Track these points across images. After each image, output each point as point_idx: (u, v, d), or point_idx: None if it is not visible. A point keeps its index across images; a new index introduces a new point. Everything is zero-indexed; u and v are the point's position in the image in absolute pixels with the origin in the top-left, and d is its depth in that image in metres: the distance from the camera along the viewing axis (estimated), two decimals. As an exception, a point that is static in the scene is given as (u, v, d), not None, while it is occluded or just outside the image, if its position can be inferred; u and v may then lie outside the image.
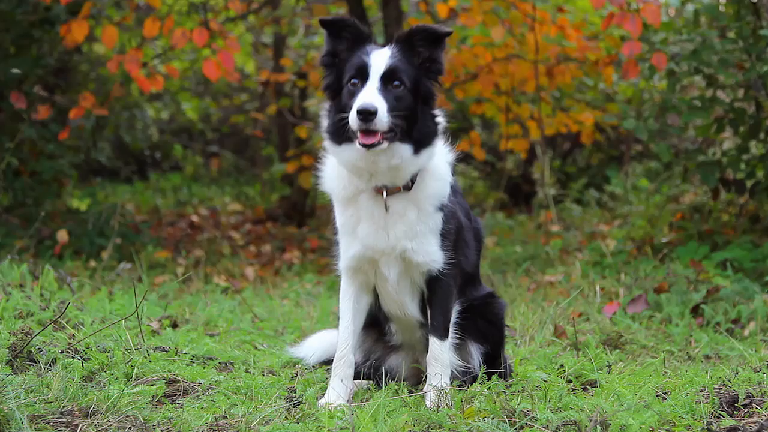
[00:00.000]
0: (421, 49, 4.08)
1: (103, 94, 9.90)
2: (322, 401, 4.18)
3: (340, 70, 4.11)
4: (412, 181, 4.15)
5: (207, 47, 8.40)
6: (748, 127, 7.88)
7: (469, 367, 4.52)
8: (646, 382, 4.39)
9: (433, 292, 4.26)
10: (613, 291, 6.94)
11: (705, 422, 3.80)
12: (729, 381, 4.32)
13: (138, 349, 4.81)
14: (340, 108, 4.04)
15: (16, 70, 8.95)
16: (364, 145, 3.90)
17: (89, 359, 4.48)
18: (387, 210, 4.12)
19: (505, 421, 3.78)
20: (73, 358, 4.51)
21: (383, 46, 4.13)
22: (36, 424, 3.68)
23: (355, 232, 4.21)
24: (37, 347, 4.58)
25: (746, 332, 5.96)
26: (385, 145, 3.94)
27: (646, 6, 7.46)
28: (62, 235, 8.70)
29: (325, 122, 4.19)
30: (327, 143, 4.15)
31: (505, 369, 4.61)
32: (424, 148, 4.10)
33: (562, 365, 4.69)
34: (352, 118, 3.88)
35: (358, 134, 3.91)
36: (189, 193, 13.75)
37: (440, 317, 4.23)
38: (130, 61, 8.05)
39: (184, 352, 4.94)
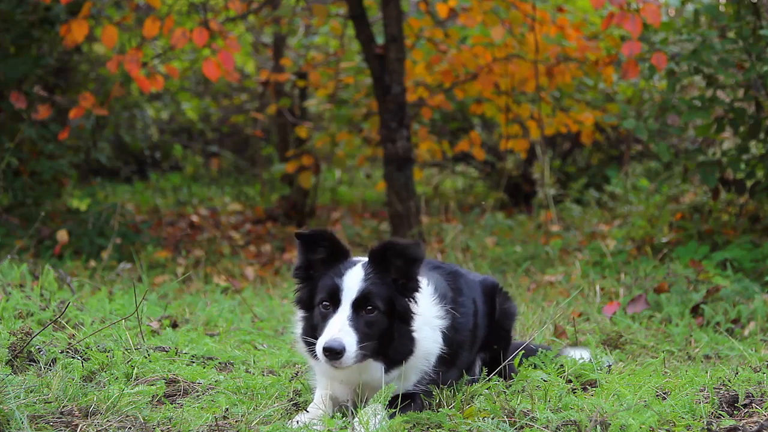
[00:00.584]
0: (397, 263, 3.93)
1: (103, 94, 9.90)
2: (309, 408, 4.07)
3: (313, 285, 3.98)
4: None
5: (207, 47, 8.40)
6: (748, 127, 7.88)
7: (473, 375, 4.52)
8: (646, 382, 4.39)
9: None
10: (613, 291, 6.94)
11: (705, 422, 3.80)
12: (729, 381, 4.32)
13: (138, 349, 4.81)
14: (312, 326, 3.93)
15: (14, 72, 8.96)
16: (331, 366, 3.79)
17: (89, 359, 4.48)
18: (359, 398, 3.99)
19: (505, 421, 3.78)
20: (73, 358, 4.51)
21: (357, 264, 3.95)
22: (36, 424, 3.68)
23: (328, 386, 4.10)
24: (37, 347, 4.59)
25: (746, 332, 5.96)
26: (354, 364, 3.80)
27: (646, 6, 7.46)
28: (62, 235, 8.70)
29: (298, 328, 4.07)
30: (300, 347, 4.07)
31: (506, 369, 4.62)
32: (397, 366, 3.95)
33: (562, 365, 4.69)
34: (319, 353, 3.77)
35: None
36: (189, 193, 13.75)
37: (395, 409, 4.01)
38: (130, 61, 8.05)
39: (184, 352, 4.94)
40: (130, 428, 3.73)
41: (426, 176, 13.96)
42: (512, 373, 4.60)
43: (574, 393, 4.34)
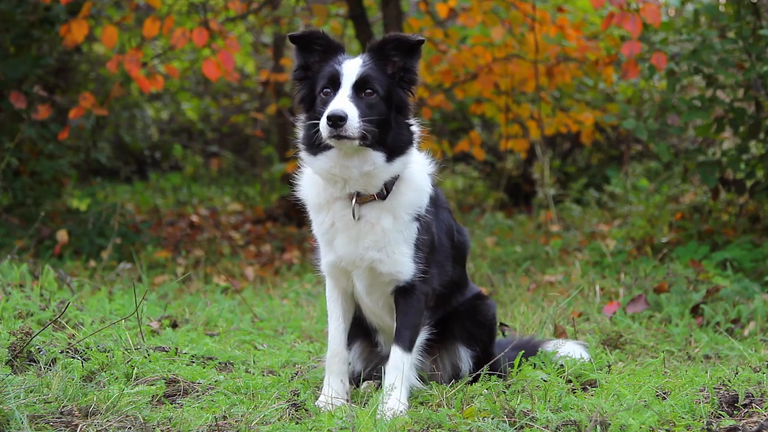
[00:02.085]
0: (395, 59, 4.08)
1: (103, 94, 9.90)
2: (320, 400, 4.18)
3: (312, 81, 4.12)
4: (388, 189, 4.12)
5: (207, 47, 8.40)
6: (748, 127, 7.88)
7: (459, 370, 4.52)
8: (646, 382, 4.39)
9: (401, 303, 4.20)
10: (613, 291, 6.93)
11: (705, 422, 3.80)
12: (729, 381, 4.32)
13: (138, 349, 4.81)
14: (314, 118, 4.03)
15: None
16: (335, 137, 3.87)
17: (89, 359, 4.48)
18: (356, 218, 4.09)
19: (505, 421, 3.78)
20: (73, 358, 4.51)
21: (356, 56, 4.12)
22: (36, 424, 3.68)
23: (328, 240, 4.21)
24: (37, 347, 4.59)
25: (746, 332, 5.96)
26: (357, 142, 3.92)
27: (646, 6, 7.46)
28: (62, 235, 8.70)
29: (300, 134, 4.17)
30: (302, 153, 4.15)
31: (498, 367, 4.62)
32: (398, 156, 4.07)
33: (562, 365, 4.69)
34: (323, 125, 3.88)
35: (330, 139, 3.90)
36: (189, 193, 13.75)
37: (406, 331, 4.16)
38: (130, 61, 8.05)
39: (184, 352, 4.94)
40: (130, 428, 3.73)
41: (426, 176, 13.93)
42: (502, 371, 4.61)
43: (574, 393, 4.34)
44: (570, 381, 4.57)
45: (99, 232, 9.21)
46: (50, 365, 4.42)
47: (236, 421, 3.84)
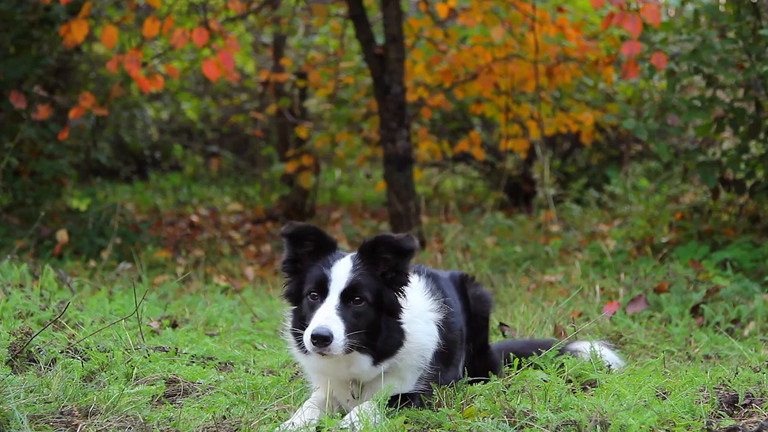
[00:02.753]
0: (387, 258, 3.93)
1: (103, 94, 9.90)
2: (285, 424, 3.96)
3: (301, 277, 3.97)
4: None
5: (207, 47, 8.40)
6: (748, 127, 7.88)
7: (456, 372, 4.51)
8: (646, 382, 4.39)
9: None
10: (613, 291, 6.93)
11: (705, 422, 3.80)
12: (729, 381, 4.32)
13: (138, 349, 4.81)
14: (301, 317, 3.92)
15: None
16: (320, 353, 3.76)
17: (89, 359, 4.48)
18: (356, 398, 3.98)
19: (505, 421, 3.78)
20: (73, 358, 4.51)
21: (347, 255, 3.96)
22: (36, 424, 3.68)
23: (323, 384, 4.07)
24: (37, 347, 4.59)
25: (746, 332, 5.96)
26: (341, 353, 3.78)
27: (646, 6, 7.46)
28: (62, 235, 8.70)
29: (289, 324, 4.07)
30: (291, 346, 4.06)
31: (493, 363, 4.65)
32: (386, 358, 3.93)
33: (562, 365, 4.69)
34: (306, 340, 3.76)
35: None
36: (189, 193, 13.75)
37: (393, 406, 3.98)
38: (130, 61, 8.05)
39: (184, 352, 4.94)
40: (130, 428, 3.73)
41: (426, 176, 13.96)
42: (494, 372, 4.61)
43: (574, 393, 4.34)
44: (570, 381, 4.57)
45: (99, 232, 9.21)
46: (50, 365, 4.42)
47: (236, 421, 3.83)
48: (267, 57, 13.32)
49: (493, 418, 3.81)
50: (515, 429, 3.73)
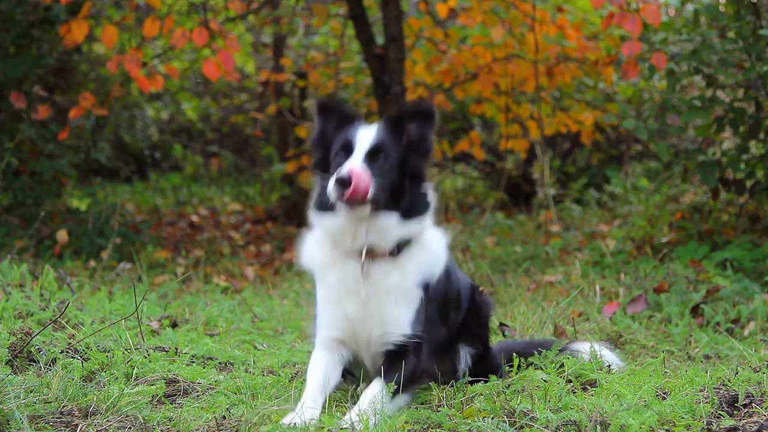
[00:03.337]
0: (411, 127, 4.06)
1: (103, 94, 9.90)
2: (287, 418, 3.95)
3: (327, 148, 4.13)
4: (400, 249, 4.05)
5: (207, 47, 8.40)
6: (748, 127, 7.88)
7: (456, 371, 4.52)
8: (646, 382, 4.39)
9: (388, 367, 4.05)
10: (613, 291, 6.93)
11: (705, 422, 3.80)
12: (729, 381, 4.32)
13: (138, 349, 4.81)
14: (327, 182, 3.99)
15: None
16: (347, 202, 3.84)
17: (89, 359, 4.48)
18: (363, 275, 4.02)
19: (505, 421, 3.78)
20: (73, 358, 4.51)
21: (372, 124, 4.11)
22: (36, 424, 3.68)
23: (333, 303, 4.12)
24: (37, 347, 4.59)
25: (746, 332, 5.96)
26: (368, 209, 3.89)
27: (646, 6, 7.46)
28: (62, 235, 8.70)
29: (314, 196, 4.17)
30: (313, 214, 4.13)
31: (495, 366, 4.64)
32: (413, 217, 4.01)
33: (562, 365, 4.69)
34: (331, 188, 3.86)
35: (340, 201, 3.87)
36: (189, 193, 13.75)
37: (397, 385, 3.96)
38: (130, 61, 8.05)
39: (184, 352, 4.94)
40: (130, 428, 3.73)
41: (426, 176, 13.93)
42: (494, 374, 4.62)
43: (574, 393, 4.34)
44: (570, 381, 4.57)
45: (99, 232, 9.21)
46: (50, 365, 4.42)
47: (236, 421, 3.83)
48: (267, 57, 13.33)
49: (493, 418, 3.81)
50: (515, 429, 3.73)
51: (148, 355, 4.73)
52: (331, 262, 4.13)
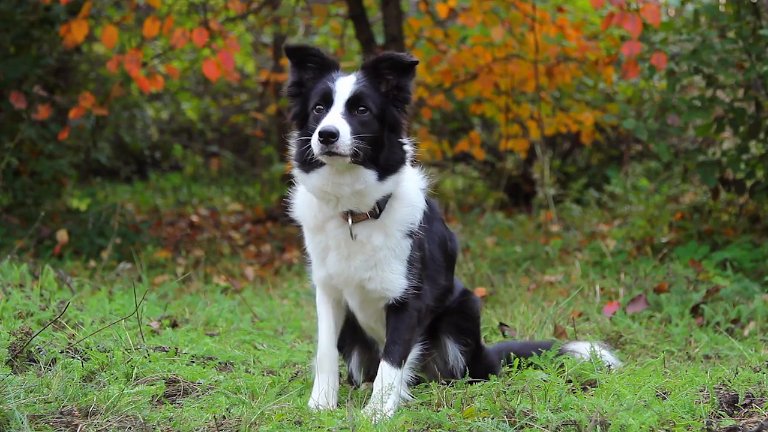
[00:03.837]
0: (389, 77, 4.06)
1: (103, 94, 9.90)
2: (311, 402, 4.18)
3: (305, 98, 4.11)
4: (380, 207, 4.12)
5: (207, 47, 8.40)
6: (748, 127, 7.88)
7: (447, 364, 4.54)
8: (646, 382, 4.39)
9: (393, 319, 4.19)
10: (613, 291, 6.93)
11: (705, 422, 3.80)
12: (729, 381, 4.32)
13: (138, 349, 4.81)
14: (307, 135, 4.02)
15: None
16: (327, 153, 3.87)
17: (89, 359, 4.48)
18: (353, 237, 4.11)
19: (505, 421, 3.78)
20: (73, 358, 4.51)
21: (350, 73, 4.10)
22: (36, 424, 3.68)
23: (321, 259, 4.23)
24: (37, 347, 4.59)
25: (746, 332, 5.96)
26: (348, 159, 3.91)
27: (646, 6, 7.46)
28: (62, 235, 8.70)
29: (293, 151, 4.18)
30: (295, 171, 4.16)
31: (491, 365, 4.66)
32: (390, 174, 4.06)
33: (562, 365, 4.69)
34: (314, 141, 3.88)
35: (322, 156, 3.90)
36: (189, 193, 13.74)
37: (397, 346, 4.14)
38: (130, 61, 8.05)
39: (184, 352, 4.94)
40: (130, 428, 3.73)
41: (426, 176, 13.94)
42: (493, 374, 4.62)
43: (574, 393, 4.34)
44: (570, 381, 4.57)
45: (99, 232, 9.21)
46: (50, 365, 4.42)
47: (236, 421, 3.83)
48: (267, 57, 13.34)
49: (493, 418, 3.81)
50: (515, 429, 3.73)
51: (148, 355, 4.73)
52: (320, 223, 4.19)
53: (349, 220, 4.09)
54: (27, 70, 9.11)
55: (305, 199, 4.26)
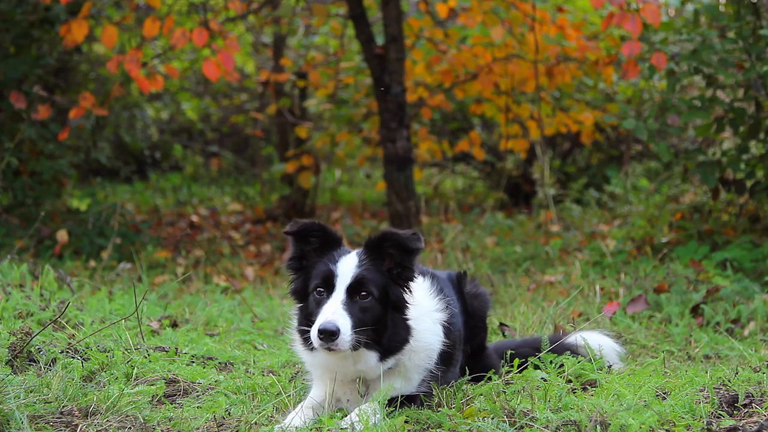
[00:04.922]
0: (392, 254, 3.94)
1: (103, 94, 9.90)
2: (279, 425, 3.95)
3: (306, 274, 3.98)
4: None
5: (207, 47, 8.40)
6: (748, 127, 7.88)
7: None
8: (646, 382, 4.39)
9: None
10: (613, 291, 6.94)
11: (705, 422, 3.80)
12: (729, 381, 4.32)
13: (138, 349, 4.81)
14: (307, 314, 3.92)
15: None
16: (327, 349, 3.77)
17: (89, 359, 4.48)
18: (361, 395, 3.98)
19: (505, 421, 3.78)
20: (73, 358, 4.51)
21: (352, 251, 3.96)
22: (36, 424, 3.69)
23: (324, 382, 4.06)
24: (37, 347, 4.59)
25: (746, 332, 5.96)
26: (348, 352, 3.80)
27: (646, 6, 7.46)
28: (62, 235, 8.70)
29: (295, 321, 4.08)
30: (296, 345, 4.07)
31: (491, 365, 4.66)
32: (392, 355, 3.94)
33: (562, 365, 4.69)
34: (314, 336, 3.76)
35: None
36: (189, 193, 13.74)
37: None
38: (130, 61, 8.05)
39: (184, 352, 4.94)
40: (130, 428, 3.73)
41: (426, 176, 13.96)
42: (494, 371, 4.61)
43: (574, 393, 4.34)
44: (570, 381, 4.57)
45: (99, 232, 9.21)
46: (50, 365, 4.42)
47: (236, 421, 3.83)
48: (267, 57, 13.32)
49: (493, 418, 3.81)
50: (515, 429, 3.73)
51: (148, 355, 4.73)
52: (325, 368, 4.03)
53: (357, 384, 3.98)
54: (27, 70, 9.12)
55: (306, 351, 4.07)
